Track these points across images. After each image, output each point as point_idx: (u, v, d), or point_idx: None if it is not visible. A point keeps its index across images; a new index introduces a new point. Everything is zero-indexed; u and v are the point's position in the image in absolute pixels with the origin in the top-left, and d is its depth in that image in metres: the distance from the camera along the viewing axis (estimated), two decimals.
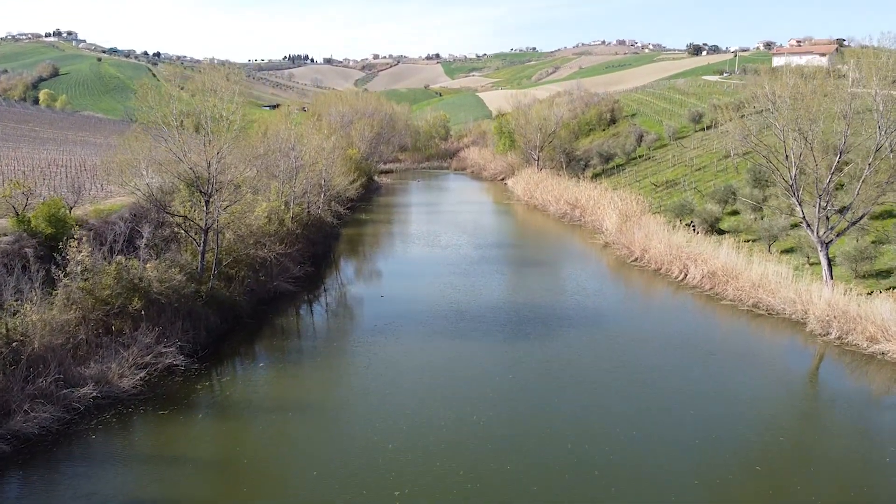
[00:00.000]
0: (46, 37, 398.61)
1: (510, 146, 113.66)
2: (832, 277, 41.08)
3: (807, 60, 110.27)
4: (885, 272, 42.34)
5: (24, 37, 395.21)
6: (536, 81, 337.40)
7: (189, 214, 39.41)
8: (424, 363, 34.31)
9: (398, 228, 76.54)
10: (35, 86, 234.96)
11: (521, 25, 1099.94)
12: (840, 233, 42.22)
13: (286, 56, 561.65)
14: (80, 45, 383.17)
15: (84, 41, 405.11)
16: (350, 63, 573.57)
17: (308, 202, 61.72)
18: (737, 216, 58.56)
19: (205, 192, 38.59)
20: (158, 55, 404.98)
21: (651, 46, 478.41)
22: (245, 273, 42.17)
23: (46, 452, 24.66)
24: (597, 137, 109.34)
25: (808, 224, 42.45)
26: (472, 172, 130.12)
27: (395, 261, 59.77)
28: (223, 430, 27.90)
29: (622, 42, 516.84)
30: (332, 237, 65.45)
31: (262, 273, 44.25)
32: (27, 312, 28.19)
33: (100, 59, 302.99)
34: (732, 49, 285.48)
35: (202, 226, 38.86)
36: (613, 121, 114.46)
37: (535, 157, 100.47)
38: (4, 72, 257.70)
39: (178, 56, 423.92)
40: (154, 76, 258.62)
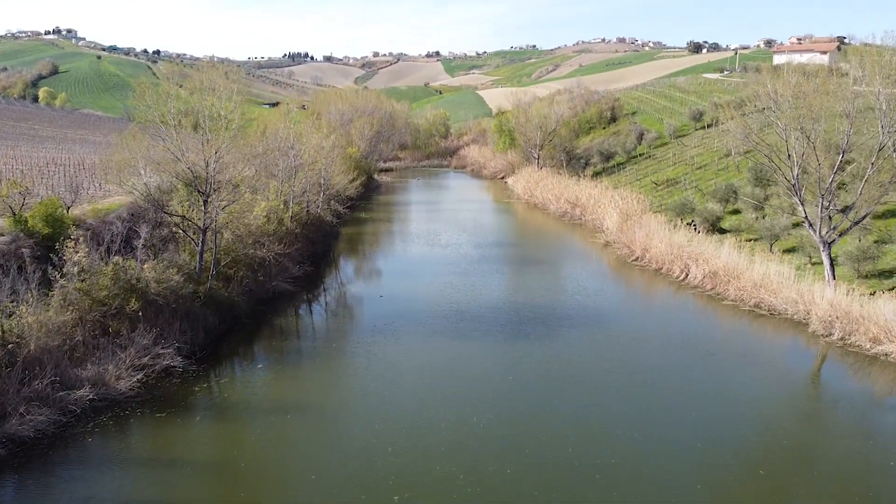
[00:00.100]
0: (46, 34, 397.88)
1: (510, 144, 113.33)
2: (835, 277, 40.81)
3: (808, 58, 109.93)
4: (888, 272, 42.07)
5: (24, 34, 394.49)
6: (536, 79, 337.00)
7: (187, 214, 39.16)
8: (424, 364, 34.08)
9: (398, 227, 76.28)
10: (35, 84, 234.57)
11: (521, 23, 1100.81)
12: (843, 233, 41.94)
13: (286, 54, 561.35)
14: (80, 43, 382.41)
15: (84, 39, 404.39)
16: (350, 61, 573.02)
17: (307, 201, 61.46)
18: (738, 215, 58.28)
19: (203, 192, 38.33)
20: (158, 53, 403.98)
21: (651, 44, 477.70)
22: (244, 273, 41.93)
23: (42, 456, 24.43)
24: (597, 136, 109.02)
25: (811, 224, 42.18)
26: (472, 171, 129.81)
27: (395, 260, 59.53)
28: (221, 433, 27.68)
29: (622, 40, 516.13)
30: (332, 236, 65.19)
31: (261, 273, 44.00)
32: (23, 314, 27.94)
33: (99, 57, 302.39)
34: (733, 47, 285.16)
35: (200, 226, 38.61)
36: (614, 119, 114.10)
37: (536, 156, 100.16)
38: (4, 69, 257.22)
39: (178, 54, 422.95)
40: (154, 74, 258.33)
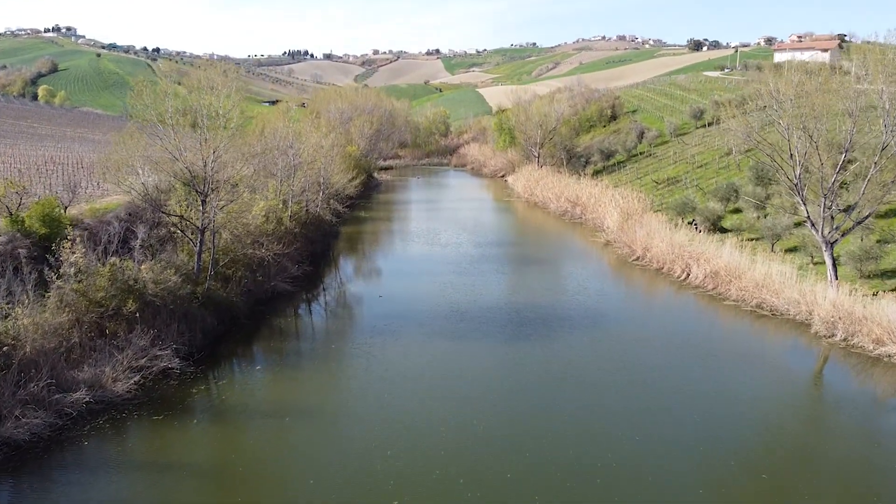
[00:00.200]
0: (45, 32, 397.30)
1: (510, 143, 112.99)
2: (837, 278, 40.54)
3: (808, 56, 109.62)
4: (891, 272, 41.81)
5: (24, 32, 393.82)
6: (536, 77, 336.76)
7: (185, 214, 38.87)
8: (424, 365, 33.80)
9: (398, 226, 76.00)
10: (34, 81, 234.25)
11: (522, 21, 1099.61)
12: (845, 232, 41.65)
13: (286, 51, 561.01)
14: (80, 41, 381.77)
15: (83, 37, 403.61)
16: (350, 59, 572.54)
17: (306, 200, 61.19)
18: (739, 214, 58.01)
19: (201, 192, 38.05)
20: (158, 51, 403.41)
21: (651, 42, 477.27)
22: (242, 273, 41.64)
23: (38, 460, 24.16)
24: (597, 134, 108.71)
25: (813, 224, 41.89)
26: (472, 169, 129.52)
27: (395, 259, 59.27)
28: (219, 436, 27.43)
29: (622, 37, 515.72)
30: (331, 236, 64.90)
31: (260, 273, 43.72)
32: (18, 315, 27.65)
33: (99, 55, 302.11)
34: (733, 45, 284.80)
35: (198, 225, 38.33)
36: (614, 117, 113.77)
37: (536, 154, 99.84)
38: (3, 67, 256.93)
39: (178, 52, 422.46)
40: (153, 72, 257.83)
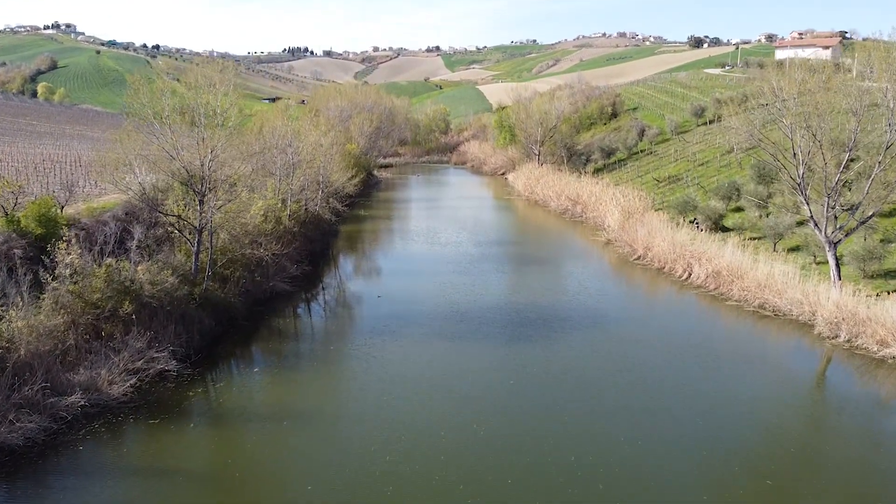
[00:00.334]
0: (45, 29, 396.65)
1: (511, 140, 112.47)
2: (840, 278, 40.16)
3: (810, 53, 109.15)
4: (895, 272, 41.44)
5: (23, 29, 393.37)
6: (537, 74, 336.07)
7: (183, 214, 38.51)
8: (424, 367, 33.47)
9: (398, 225, 75.65)
10: (33, 79, 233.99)
11: (522, 18, 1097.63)
12: (848, 232, 41.28)
13: (286, 49, 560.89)
14: (79, 38, 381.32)
15: (83, 34, 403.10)
16: (350, 56, 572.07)
17: (305, 199, 60.83)
18: (741, 213, 57.62)
19: (198, 192, 37.68)
20: (157, 48, 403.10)
21: (652, 39, 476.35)
22: (240, 273, 41.29)
23: (32, 464, 23.84)
24: (598, 131, 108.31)
25: (816, 223, 41.50)
26: (473, 167, 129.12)
27: (395, 259, 58.93)
28: (216, 441, 27.09)
29: (623, 34, 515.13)
30: (331, 235, 64.56)
31: (258, 273, 43.37)
32: (13, 318, 27.30)
33: (98, 52, 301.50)
34: (734, 42, 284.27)
35: (196, 225, 37.98)
36: (615, 114, 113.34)
37: (536, 152, 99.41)
38: (3, 64, 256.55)
39: (178, 49, 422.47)
40: (153, 69, 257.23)
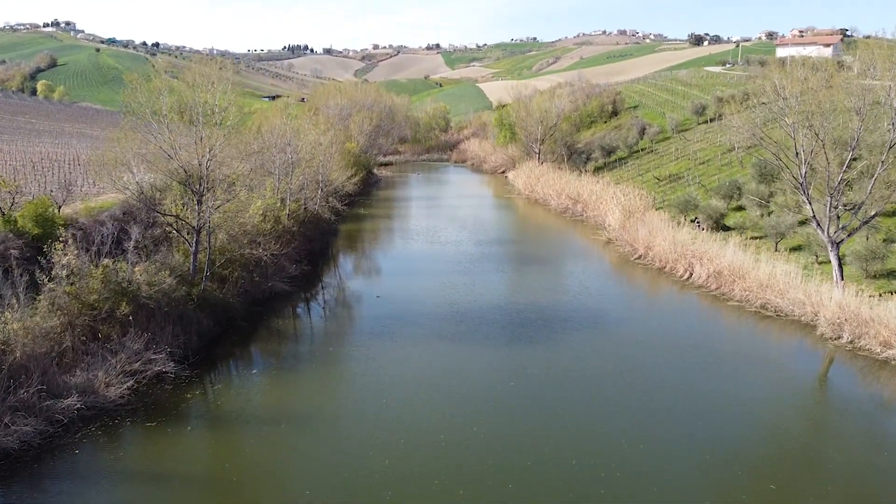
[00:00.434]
0: (45, 27, 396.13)
1: (511, 138, 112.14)
2: (843, 278, 39.90)
3: (810, 51, 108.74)
4: None
5: (23, 27, 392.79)
6: (537, 72, 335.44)
7: (181, 214, 38.22)
8: (423, 369, 33.21)
9: (397, 224, 75.35)
10: (33, 76, 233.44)
11: (522, 15, 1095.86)
12: (851, 232, 41.02)
13: (286, 46, 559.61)
14: (79, 36, 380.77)
15: (82, 31, 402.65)
16: (350, 53, 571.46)
17: (305, 198, 60.54)
18: (742, 212, 57.33)
19: (196, 192, 37.40)
20: (157, 45, 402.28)
21: (652, 36, 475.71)
22: (239, 273, 41.04)
23: (28, 469, 23.61)
24: (598, 130, 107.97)
25: (818, 223, 41.23)
26: (473, 165, 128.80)
27: (394, 258, 58.66)
28: (214, 444, 26.83)
29: (623, 32, 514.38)
30: (330, 234, 64.29)
31: (257, 273, 43.09)
32: (8, 320, 27.04)
33: (98, 50, 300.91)
34: (734, 39, 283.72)
35: (194, 225, 37.70)
36: (615, 113, 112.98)
37: (537, 150, 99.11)
38: (2, 62, 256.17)
39: (178, 46, 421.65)
40: (153, 67, 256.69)
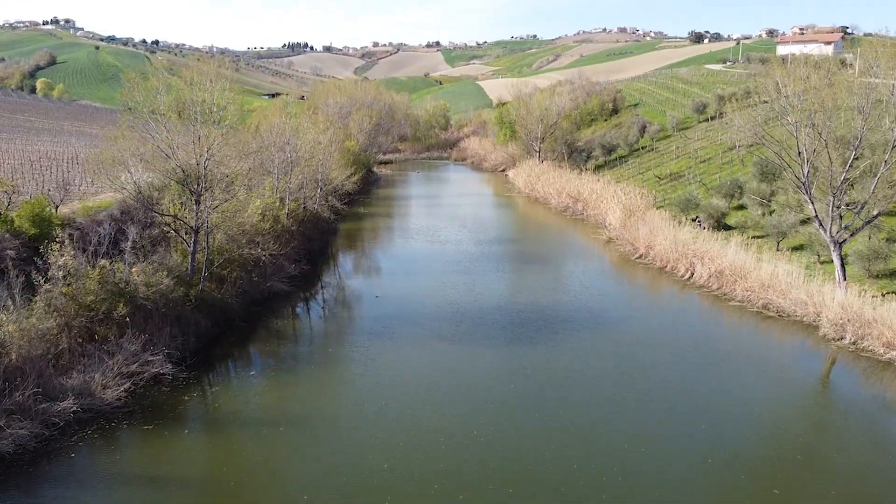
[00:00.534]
0: (44, 24, 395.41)
1: (511, 136, 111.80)
2: (845, 278, 39.64)
3: (814, 49, 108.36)
4: None
5: (22, 24, 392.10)
6: (537, 69, 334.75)
7: (179, 213, 37.95)
8: (423, 370, 32.95)
9: (397, 223, 75.05)
10: (32, 74, 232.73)
11: (522, 12, 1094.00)
12: (854, 232, 40.75)
13: (285, 44, 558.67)
14: (78, 33, 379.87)
15: (82, 29, 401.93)
16: (350, 51, 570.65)
17: (304, 197, 60.25)
18: (743, 211, 57.06)
19: (195, 191, 37.11)
20: (157, 43, 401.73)
21: (652, 34, 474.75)
22: (237, 273, 40.78)
23: (24, 473, 23.36)
24: (599, 128, 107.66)
25: (821, 222, 40.96)
26: (473, 163, 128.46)
27: (394, 258, 58.38)
28: (211, 447, 26.58)
29: (623, 29, 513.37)
30: (330, 233, 64.02)
31: (256, 273, 42.81)
32: (3, 322, 26.76)
33: (97, 48, 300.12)
34: (735, 37, 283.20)
35: (192, 225, 37.42)
36: (616, 111, 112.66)
37: (537, 149, 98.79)
38: (1, 60, 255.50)
39: (177, 44, 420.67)
40: (152, 64, 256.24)
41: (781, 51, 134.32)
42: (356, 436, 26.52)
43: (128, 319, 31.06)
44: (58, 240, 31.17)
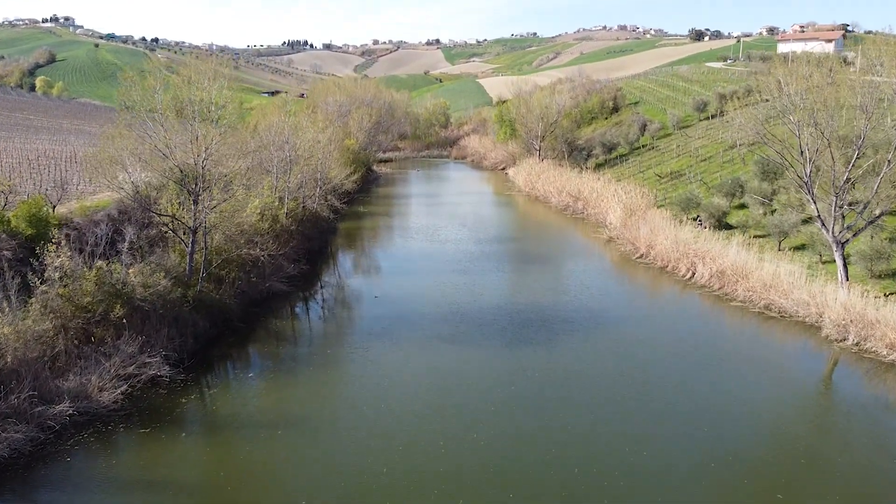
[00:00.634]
0: (43, 22, 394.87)
1: (511, 135, 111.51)
2: (848, 278, 39.39)
3: (814, 46, 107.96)
4: None
5: (21, 22, 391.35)
6: (537, 67, 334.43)
7: (177, 213, 37.69)
8: (423, 372, 32.72)
9: (397, 222, 74.78)
10: (32, 72, 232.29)
11: (522, 10, 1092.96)
12: (856, 232, 40.49)
13: (285, 42, 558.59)
14: (78, 31, 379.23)
15: (81, 27, 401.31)
16: (350, 49, 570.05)
17: (303, 196, 59.99)
18: (744, 210, 56.79)
19: (193, 191, 36.85)
20: (157, 41, 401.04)
21: (653, 32, 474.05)
22: (236, 274, 40.53)
23: (19, 477, 23.15)
24: (599, 126, 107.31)
25: (823, 222, 40.70)
26: (473, 161, 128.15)
27: (394, 257, 58.14)
28: (209, 450, 26.33)
29: (623, 27, 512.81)
30: (329, 232, 63.76)
31: (254, 273, 42.55)
32: None
33: (97, 45, 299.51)
34: (735, 34, 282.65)
35: (190, 225, 37.16)
36: (616, 109, 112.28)
37: (537, 147, 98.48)
38: (1, 58, 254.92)
39: (177, 42, 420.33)
40: (151, 62, 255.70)
41: (782, 48, 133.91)
42: (355, 437, 26.31)
43: (125, 321, 30.84)
44: (54, 240, 30.86)
